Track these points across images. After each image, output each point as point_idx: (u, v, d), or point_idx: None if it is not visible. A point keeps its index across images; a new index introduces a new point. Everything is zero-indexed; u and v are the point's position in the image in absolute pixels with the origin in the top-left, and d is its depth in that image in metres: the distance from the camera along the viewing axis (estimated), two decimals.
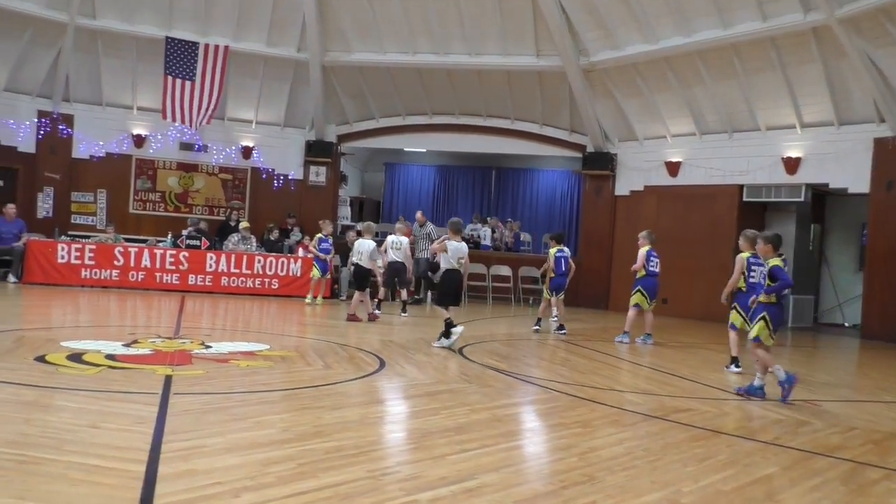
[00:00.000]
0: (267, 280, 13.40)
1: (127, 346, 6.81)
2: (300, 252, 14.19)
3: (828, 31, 11.57)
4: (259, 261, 13.37)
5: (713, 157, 14.18)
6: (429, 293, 13.86)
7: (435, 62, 15.40)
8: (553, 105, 15.82)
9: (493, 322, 11.99)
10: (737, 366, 7.70)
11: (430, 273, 11.66)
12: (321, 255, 12.58)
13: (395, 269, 11.32)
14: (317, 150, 16.71)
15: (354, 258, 10.56)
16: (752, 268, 7.57)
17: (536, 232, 18.27)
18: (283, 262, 13.54)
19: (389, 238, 11.43)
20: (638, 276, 9.77)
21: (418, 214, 14.61)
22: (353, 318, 10.22)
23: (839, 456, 4.44)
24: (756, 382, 6.26)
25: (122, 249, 12.80)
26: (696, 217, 14.27)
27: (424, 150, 18.87)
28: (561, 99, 15.54)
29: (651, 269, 9.72)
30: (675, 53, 13.43)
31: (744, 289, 7.60)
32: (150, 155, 15.95)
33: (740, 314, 7.65)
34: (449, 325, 8.13)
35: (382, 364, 6.76)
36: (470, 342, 8.67)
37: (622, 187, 15.72)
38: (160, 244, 13.69)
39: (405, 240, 11.59)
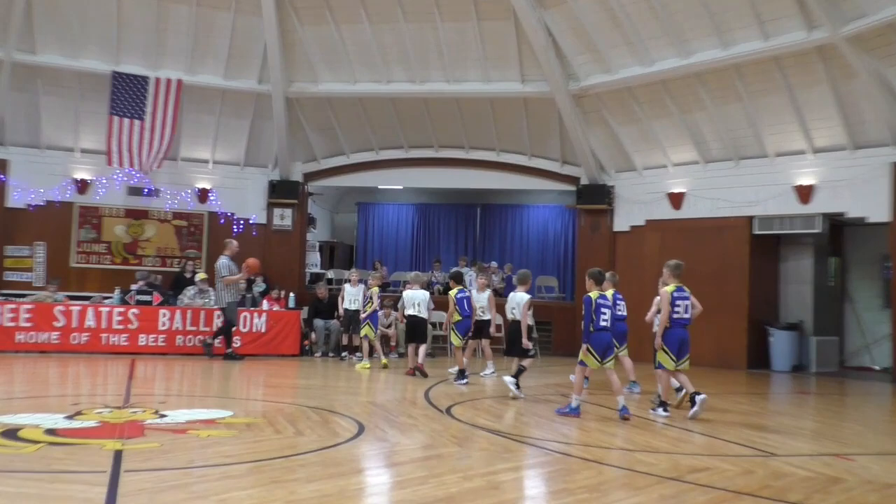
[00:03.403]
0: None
1: (69, 418, 6.69)
2: (265, 305, 14.10)
3: (833, 50, 11.91)
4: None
5: (719, 188, 14.42)
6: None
7: (411, 91, 15.62)
8: (542, 134, 16.06)
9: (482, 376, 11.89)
10: (665, 410, 7.95)
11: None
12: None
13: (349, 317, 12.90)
14: (281, 191, 16.79)
15: (410, 310, 10.88)
16: (677, 302, 7.83)
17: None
18: (245, 318, 13.42)
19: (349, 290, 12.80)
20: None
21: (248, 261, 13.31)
22: (418, 370, 10.84)
23: None
24: (573, 403, 7.58)
25: (63, 308, 12.64)
26: (703, 253, 14.28)
27: (401, 188, 19.01)
28: (550, 127, 15.78)
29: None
30: (673, 76, 13.73)
31: (667, 325, 7.85)
32: (95, 202, 15.92)
33: (666, 352, 7.89)
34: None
35: (361, 428, 6.68)
36: (458, 400, 8.62)
37: (621, 222, 15.89)
38: (106, 301, 13.54)
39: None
